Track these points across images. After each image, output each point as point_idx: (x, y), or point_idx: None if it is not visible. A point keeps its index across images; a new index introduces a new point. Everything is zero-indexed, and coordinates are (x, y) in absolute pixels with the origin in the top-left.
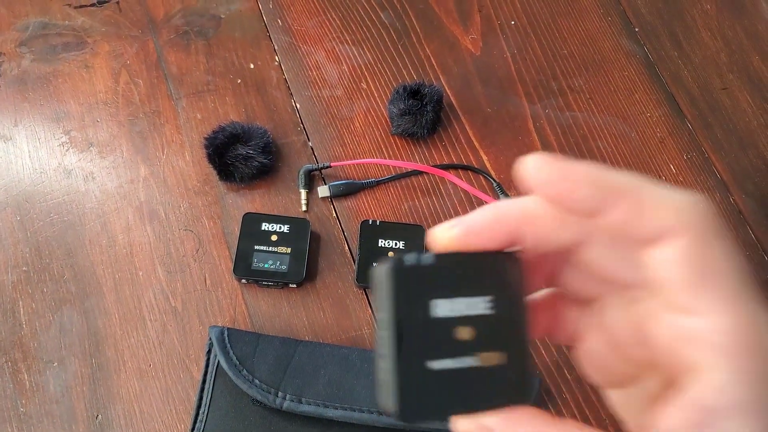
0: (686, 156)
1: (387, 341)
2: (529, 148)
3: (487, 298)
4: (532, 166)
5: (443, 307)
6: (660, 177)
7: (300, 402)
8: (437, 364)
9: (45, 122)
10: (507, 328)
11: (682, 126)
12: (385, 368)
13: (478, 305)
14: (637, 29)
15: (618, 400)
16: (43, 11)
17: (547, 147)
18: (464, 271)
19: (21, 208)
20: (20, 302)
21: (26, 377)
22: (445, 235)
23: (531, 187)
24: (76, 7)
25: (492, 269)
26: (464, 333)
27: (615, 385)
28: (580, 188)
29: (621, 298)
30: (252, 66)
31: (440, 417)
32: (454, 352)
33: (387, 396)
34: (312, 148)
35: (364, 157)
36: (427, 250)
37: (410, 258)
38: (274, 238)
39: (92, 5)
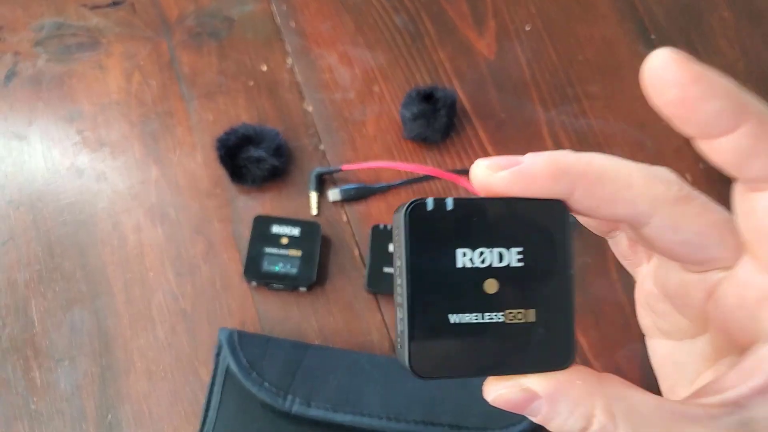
0: (702, 165)
1: (404, 290)
2: None
3: (522, 249)
4: (660, 61)
5: (468, 257)
6: None
7: (309, 406)
8: (458, 318)
9: (59, 122)
10: (541, 283)
11: None
12: (401, 318)
13: (509, 256)
14: (653, 36)
15: (662, 351)
16: (59, 11)
17: None
18: (496, 217)
19: (34, 207)
20: (32, 300)
21: (38, 375)
22: (492, 177)
23: (651, 86)
24: (91, 8)
25: (530, 217)
26: (491, 286)
27: (663, 335)
28: (713, 98)
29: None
30: (264, 68)
31: (457, 374)
32: (479, 306)
33: (402, 348)
34: (324, 152)
35: (375, 161)
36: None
37: (432, 201)
38: (284, 241)
39: (107, 6)
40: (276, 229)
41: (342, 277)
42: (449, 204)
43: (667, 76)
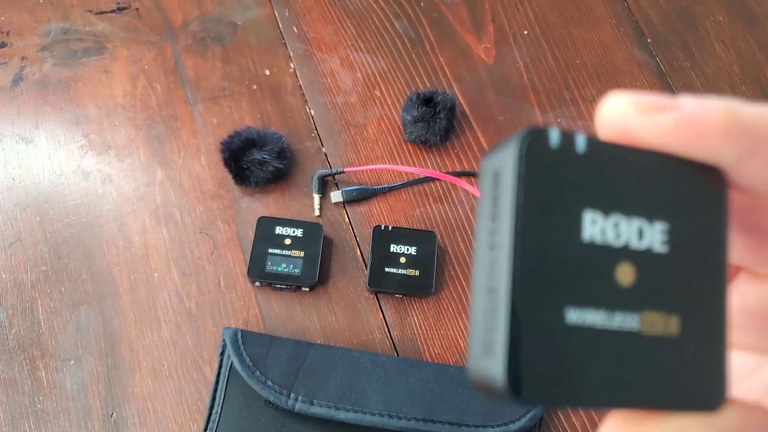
0: None
1: (504, 266)
2: None
3: (668, 226)
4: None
5: (599, 226)
6: None
7: (312, 404)
8: (578, 316)
9: (65, 125)
10: (688, 280)
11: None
12: (490, 308)
13: (652, 234)
14: (649, 40)
15: (744, 366)
16: (65, 17)
17: None
18: (638, 175)
19: (41, 209)
20: (39, 301)
21: (44, 374)
22: (639, 119)
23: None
24: (96, 13)
25: (680, 185)
26: (626, 275)
27: (750, 349)
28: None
29: None
30: (267, 72)
31: (572, 401)
32: (608, 302)
33: (486, 354)
34: (326, 154)
35: (377, 164)
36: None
37: (557, 135)
38: (287, 241)
39: (112, 11)
40: (279, 230)
41: (344, 278)
42: (580, 143)
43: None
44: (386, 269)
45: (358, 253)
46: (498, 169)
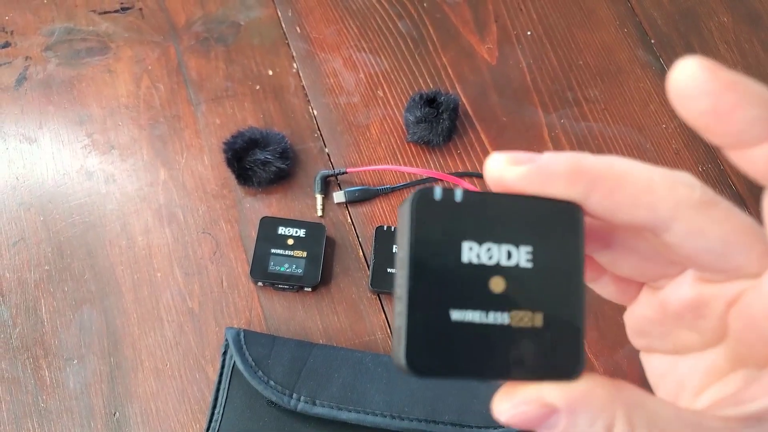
0: (701, 168)
1: (404, 281)
2: None
3: (532, 248)
4: (688, 70)
5: (475, 252)
6: None
7: (314, 404)
8: (459, 315)
9: (68, 125)
10: (550, 286)
11: (697, 137)
12: (399, 312)
13: (518, 255)
14: (653, 41)
15: (661, 366)
16: (69, 17)
17: None
18: (507, 213)
19: (44, 208)
20: (42, 300)
21: (47, 374)
22: (507, 171)
23: (679, 97)
24: (100, 13)
25: (542, 217)
26: (498, 285)
27: (661, 351)
28: (748, 106)
29: (691, 275)
30: (270, 72)
31: (455, 375)
32: (483, 304)
33: (398, 344)
34: (328, 154)
35: (379, 164)
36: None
37: (440, 191)
38: (290, 242)
39: (116, 11)
40: (282, 230)
41: (346, 278)
42: (458, 195)
43: (696, 85)
44: (388, 270)
45: (361, 253)
46: (403, 215)
